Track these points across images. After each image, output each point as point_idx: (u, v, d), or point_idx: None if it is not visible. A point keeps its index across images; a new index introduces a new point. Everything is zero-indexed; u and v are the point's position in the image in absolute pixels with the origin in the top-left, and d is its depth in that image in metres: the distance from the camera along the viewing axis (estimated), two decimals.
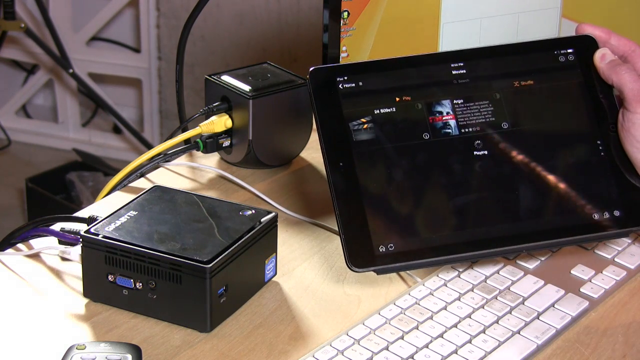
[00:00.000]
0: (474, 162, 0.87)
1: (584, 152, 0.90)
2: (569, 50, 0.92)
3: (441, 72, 0.89)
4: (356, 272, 0.83)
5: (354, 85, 0.87)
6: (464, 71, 0.90)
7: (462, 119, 0.88)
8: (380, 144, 0.86)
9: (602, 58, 0.90)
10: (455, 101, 0.89)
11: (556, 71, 0.91)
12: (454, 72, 0.89)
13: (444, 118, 0.88)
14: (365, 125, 0.86)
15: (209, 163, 1.24)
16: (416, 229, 0.85)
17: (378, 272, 0.84)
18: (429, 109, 0.88)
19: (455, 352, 0.88)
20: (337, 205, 0.83)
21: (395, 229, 0.84)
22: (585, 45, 0.92)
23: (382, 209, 0.85)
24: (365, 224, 0.84)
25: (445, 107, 0.89)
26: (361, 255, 0.83)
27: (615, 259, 1.03)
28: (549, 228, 0.87)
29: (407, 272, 1.00)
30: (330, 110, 0.86)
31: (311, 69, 0.86)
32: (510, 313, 0.93)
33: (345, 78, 0.87)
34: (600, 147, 0.90)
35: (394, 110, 0.87)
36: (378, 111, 0.87)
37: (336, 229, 1.08)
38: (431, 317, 0.92)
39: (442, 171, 0.87)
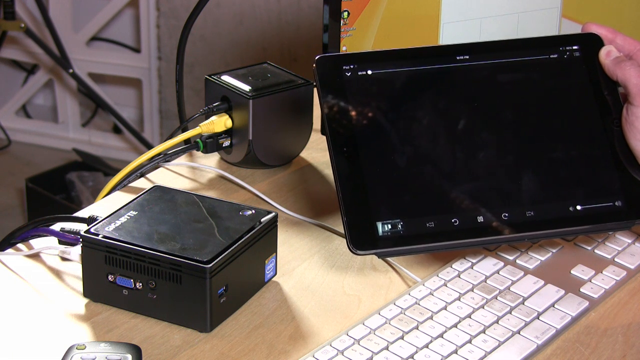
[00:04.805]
0: (478, 151, 0.88)
1: (587, 147, 0.90)
2: (575, 47, 0.92)
3: (446, 63, 0.90)
4: (358, 254, 0.83)
5: (359, 73, 0.87)
6: (470, 63, 0.90)
7: (467, 109, 0.89)
8: (384, 130, 0.86)
9: (607, 55, 0.91)
10: (460, 92, 0.89)
11: (561, 67, 0.92)
12: (459, 64, 0.90)
13: (449, 107, 0.88)
14: (370, 112, 0.87)
15: (209, 163, 1.24)
16: (419, 213, 0.85)
17: (379, 256, 0.85)
18: (434, 98, 0.88)
19: (455, 352, 0.88)
20: (340, 188, 0.84)
21: (398, 213, 0.85)
22: (591, 42, 0.93)
23: (384, 194, 0.85)
24: (368, 207, 0.84)
25: (450, 97, 0.89)
26: (363, 238, 0.83)
27: (615, 259, 1.03)
28: (551, 218, 0.88)
29: (407, 271, 1.00)
30: (336, 97, 0.86)
31: (317, 57, 0.87)
32: (510, 313, 0.93)
33: (352, 66, 0.87)
34: (604, 142, 0.90)
35: (399, 97, 0.88)
36: (383, 98, 0.87)
37: (336, 228, 1.09)
38: (431, 317, 0.92)
39: (446, 158, 0.87)
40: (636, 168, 0.90)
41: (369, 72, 0.88)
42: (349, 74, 0.87)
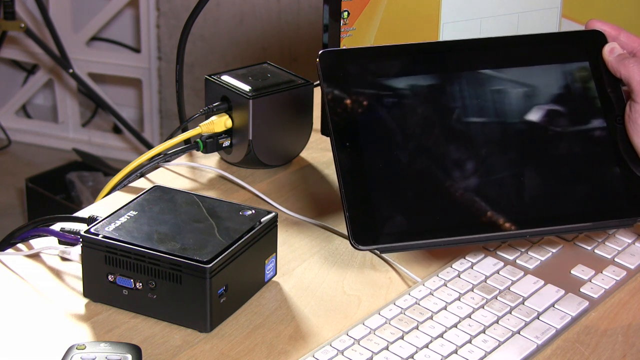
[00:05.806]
0: (481, 147, 0.88)
1: (590, 144, 0.90)
2: (578, 44, 0.92)
3: (449, 59, 0.90)
4: (360, 250, 0.83)
5: (362, 68, 0.87)
6: (473, 60, 0.90)
7: (471, 105, 0.89)
8: (386, 125, 0.86)
9: (610, 52, 0.91)
10: (463, 88, 0.89)
11: (564, 64, 0.92)
12: (462, 60, 0.90)
13: (452, 103, 0.88)
14: (373, 107, 0.86)
15: (209, 163, 1.24)
16: (421, 209, 0.85)
17: (381, 251, 0.85)
18: (437, 94, 0.88)
19: (455, 352, 0.88)
20: (343, 183, 0.84)
21: (400, 208, 0.85)
22: (594, 39, 0.92)
23: (387, 189, 0.85)
24: (370, 202, 0.84)
25: (453, 93, 0.89)
26: (365, 233, 0.83)
27: (615, 259, 1.03)
28: (553, 215, 0.88)
29: (407, 271, 1.00)
30: (339, 91, 0.86)
31: (321, 51, 0.87)
32: (510, 313, 0.93)
33: (355, 61, 0.87)
34: (606, 140, 0.90)
35: (402, 93, 0.88)
36: (385, 94, 0.87)
37: (336, 228, 1.09)
38: (431, 317, 0.92)
39: (448, 154, 0.87)
40: (638, 165, 0.90)
41: (373, 67, 0.88)
42: (352, 69, 0.87)
